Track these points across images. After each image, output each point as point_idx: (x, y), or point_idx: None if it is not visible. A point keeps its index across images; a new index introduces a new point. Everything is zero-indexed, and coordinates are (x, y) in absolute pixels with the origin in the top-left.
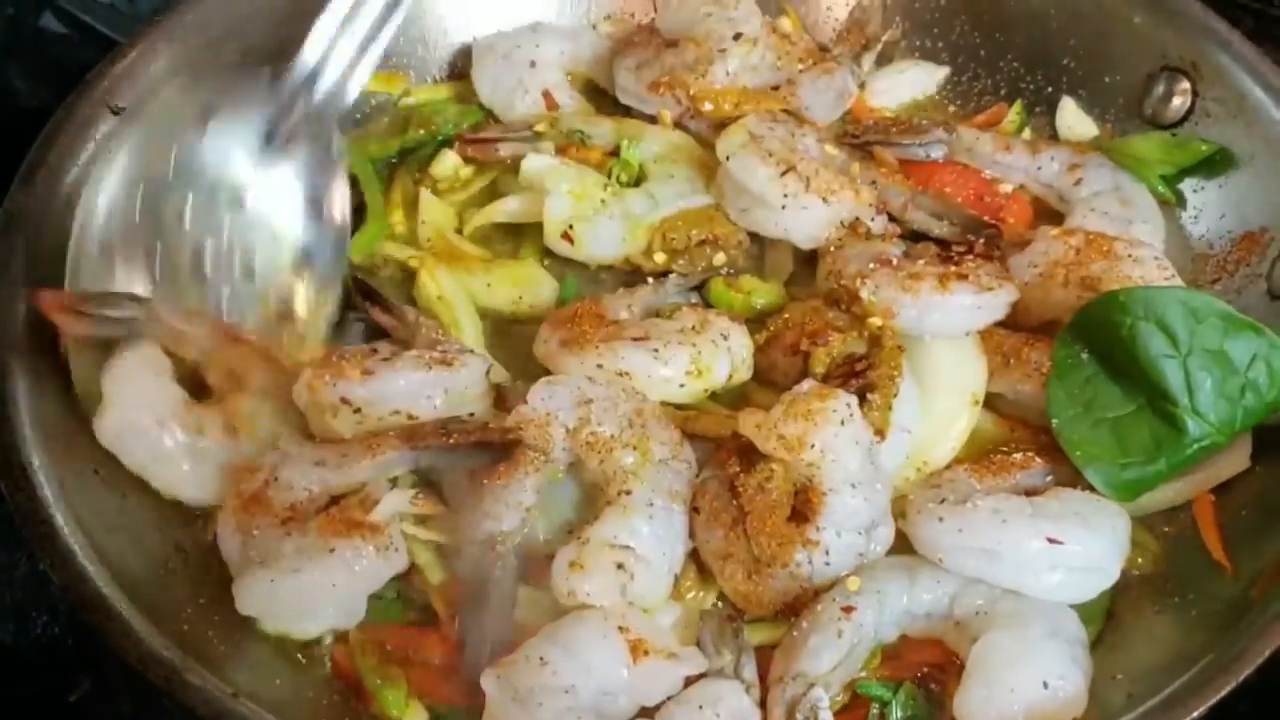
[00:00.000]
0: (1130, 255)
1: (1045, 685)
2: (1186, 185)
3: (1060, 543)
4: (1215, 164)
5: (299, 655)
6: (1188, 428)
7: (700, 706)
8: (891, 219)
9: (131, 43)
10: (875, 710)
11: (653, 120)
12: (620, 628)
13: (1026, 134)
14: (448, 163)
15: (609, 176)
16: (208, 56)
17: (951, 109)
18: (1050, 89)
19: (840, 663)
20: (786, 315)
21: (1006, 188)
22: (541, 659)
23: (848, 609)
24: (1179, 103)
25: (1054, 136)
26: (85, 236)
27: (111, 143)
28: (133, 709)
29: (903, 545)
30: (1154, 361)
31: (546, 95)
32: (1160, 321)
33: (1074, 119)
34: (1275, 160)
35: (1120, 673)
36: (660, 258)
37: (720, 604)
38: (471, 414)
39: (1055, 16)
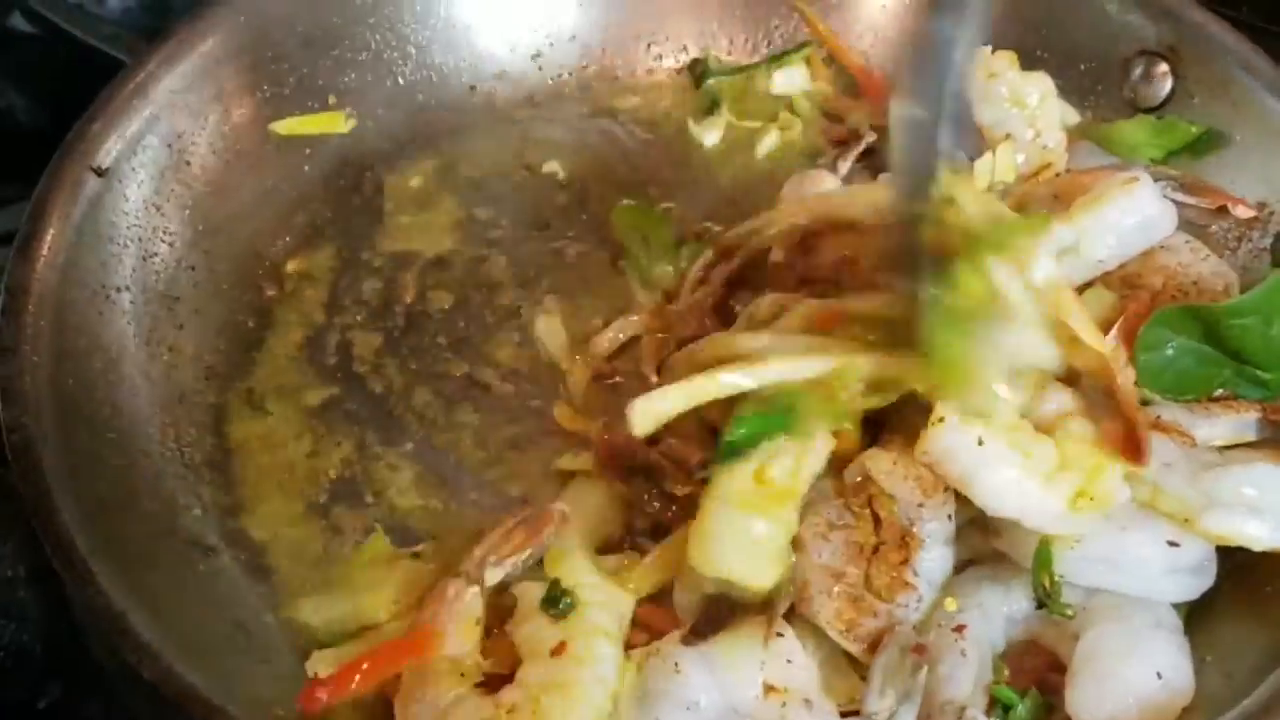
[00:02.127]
0: (1160, 245)
1: (1159, 676)
2: (1177, 167)
3: (1178, 545)
4: (1203, 144)
5: None
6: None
7: None
8: None
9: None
10: (998, 717)
11: None
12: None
13: None
14: None
15: None
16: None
17: None
18: None
19: (977, 679)
20: None
21: None
22: (677, 666)
23: (959, 628)
24: (1160, 86)
25: None
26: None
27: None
28: (102, 717)
29: None
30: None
31: None
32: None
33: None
34: (1264, 136)
35: (1209, 654)
36: None
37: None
38: None
39: (1026, 9)
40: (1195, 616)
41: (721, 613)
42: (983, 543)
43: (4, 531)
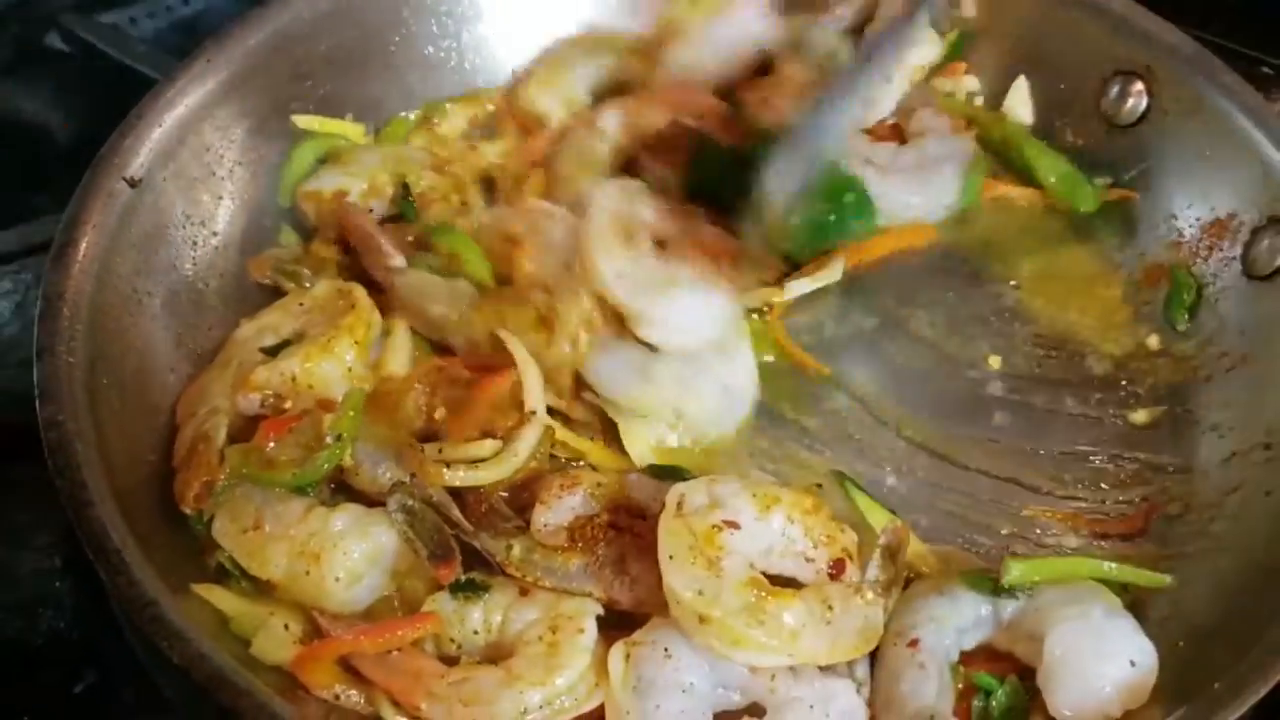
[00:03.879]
0: None
1: (1131, 664)
2: (1155, 178)
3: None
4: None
5: None
6: None
7: (811, 706)
8: None
9: (138, 111)
10: (979, 701)
11: None
12: None
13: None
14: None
15: None
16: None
17: None
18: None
19: (940, 688)
20: None
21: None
22: (667, 651)
23: (913, 643)
24: (1135, 103)
25: None
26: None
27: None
28: (135, 700)
29: None
30: None
31: None
32: None
33: (1018, 101)
34: (1235, 151)
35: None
36: None
37: None
38: None
39: (1009, 26)
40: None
41: None
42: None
43: (42, 524)
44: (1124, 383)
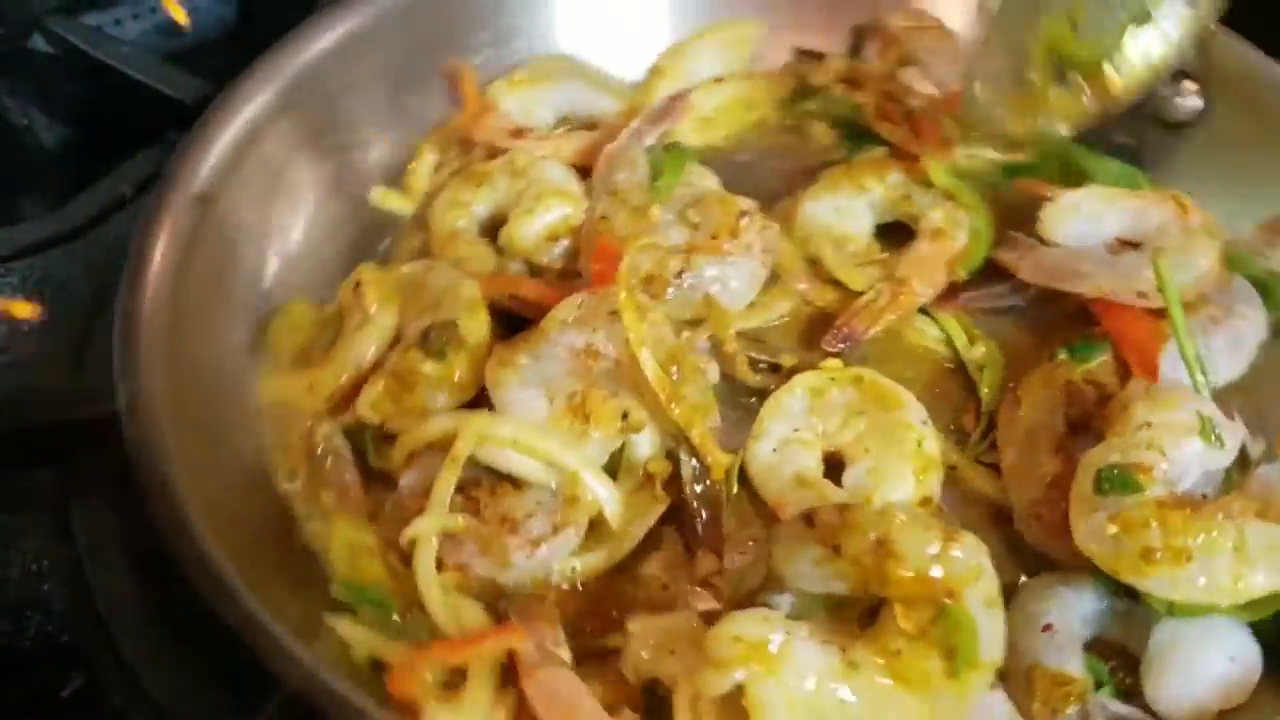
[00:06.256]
0: None
1: (1231, 660)
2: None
3: None
4: None
5: None
6: None
7: None
8: None
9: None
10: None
11: None
12: None
13: None
14: None
15: None
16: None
17: None
18: None
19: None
20: None
21: None
22: None
23: (1046, 628)
24: (1189, 103)
25: None
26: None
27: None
28: (124, 704)
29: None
30: None
31: None
32: None
33: None
34: None
35: None
36: None
37: None
38: None
39: None
40: None
41: None
42: None
43: (28, 527)
44: None
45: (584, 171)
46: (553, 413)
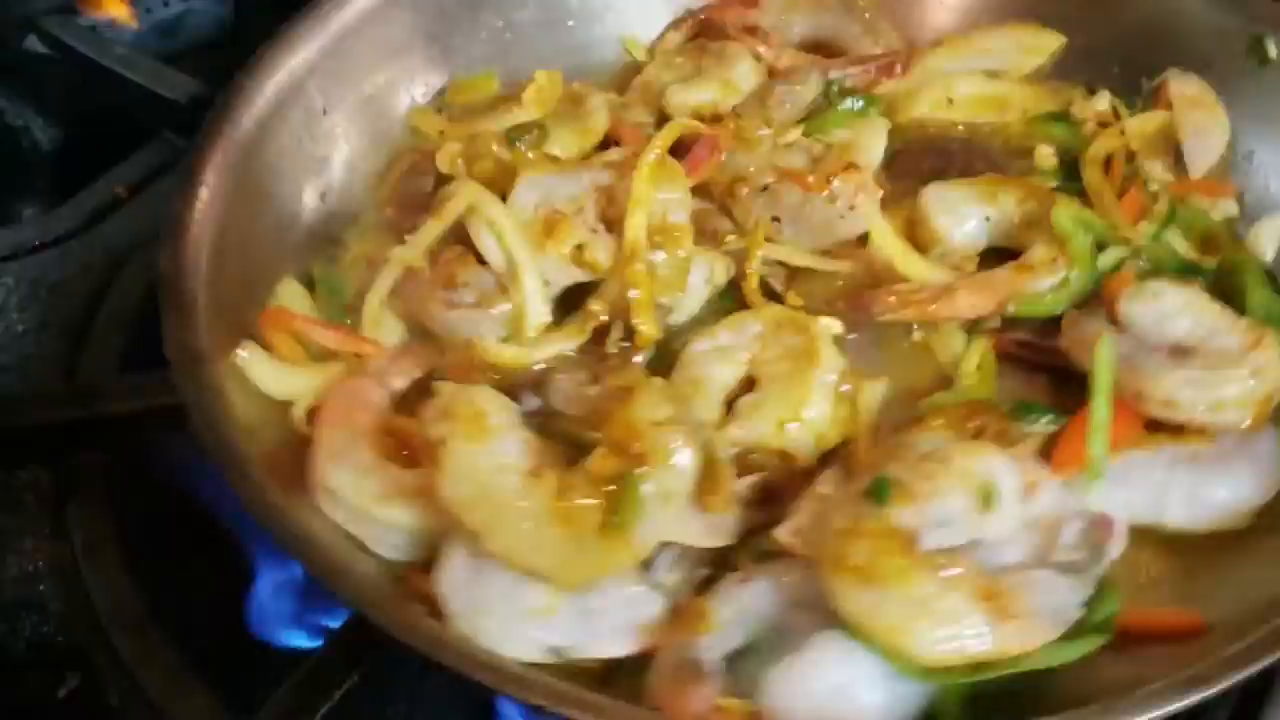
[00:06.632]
0: None
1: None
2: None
3: None
4: None
5: None
6: None
7: None
8: None
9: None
10: None
11: None
12: None
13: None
14: None
15: None
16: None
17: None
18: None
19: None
20: None
21: None
22: None
23: None
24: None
25: None
26: None
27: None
28: (120, 704)
29: None
30: None
31: None
32: None
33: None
34: None
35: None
36: None
37: None
38: None
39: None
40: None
41: None
42: None
43: (25, 528)
44: None
45: None
46: (531, 217)
